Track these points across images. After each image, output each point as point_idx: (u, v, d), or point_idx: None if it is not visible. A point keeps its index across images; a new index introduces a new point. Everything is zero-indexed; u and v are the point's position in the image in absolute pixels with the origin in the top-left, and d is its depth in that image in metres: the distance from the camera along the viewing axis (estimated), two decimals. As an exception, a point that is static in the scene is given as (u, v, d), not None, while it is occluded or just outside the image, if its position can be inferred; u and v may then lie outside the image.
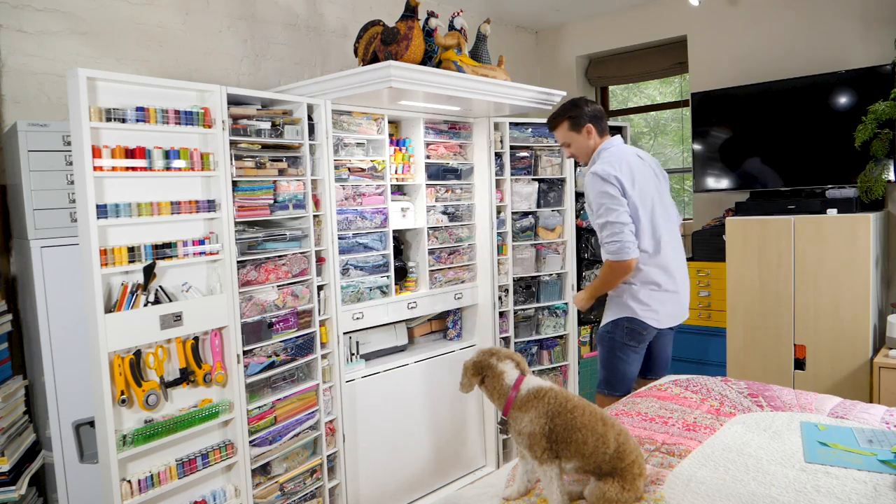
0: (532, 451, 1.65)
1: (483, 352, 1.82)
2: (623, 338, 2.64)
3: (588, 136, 2.69)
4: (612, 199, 2.50)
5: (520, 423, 1.68)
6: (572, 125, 2.69)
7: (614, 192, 2.51)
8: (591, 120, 2.69)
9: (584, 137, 2.70)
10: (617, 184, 2.52)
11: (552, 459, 1.65)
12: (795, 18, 3.87)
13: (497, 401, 1.76)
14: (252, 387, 2.51)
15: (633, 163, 2.63)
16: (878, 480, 1.72)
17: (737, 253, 3.54)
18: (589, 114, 2.69)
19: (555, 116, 2.74)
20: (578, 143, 2.72)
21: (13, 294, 2.60)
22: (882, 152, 3.25)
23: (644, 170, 2.67)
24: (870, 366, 3.18)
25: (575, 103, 2.72)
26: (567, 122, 2.70)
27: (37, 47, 2.62)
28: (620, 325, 2.63)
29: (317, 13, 3.58)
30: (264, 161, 2.53)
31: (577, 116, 2.68)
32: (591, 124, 2.68)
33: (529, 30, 5.00)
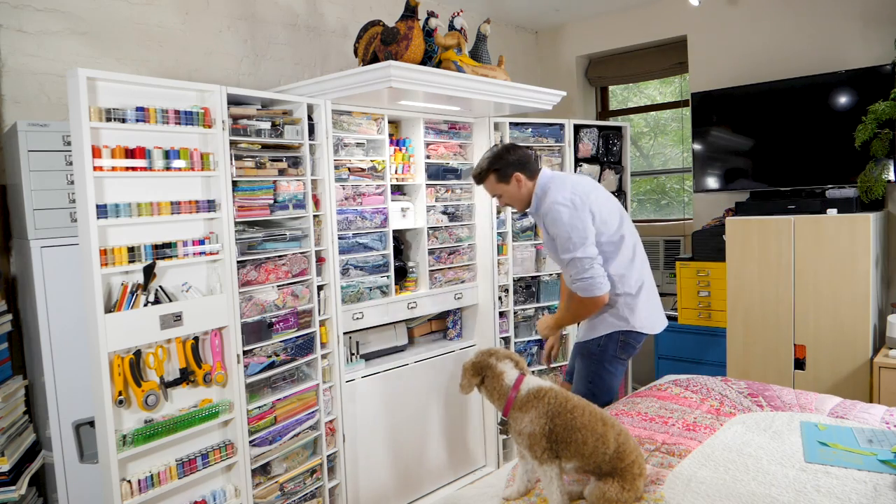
0: (532, 451, 1.66)
1: (482, 352, 1.82)
2: (616, 351, 2.50)
3: (518, 184, 2.51)
4: (579, 232, 2.36)
5: (520, 424, 1.68)
6: (499, 177, 2.52)
7: (581, 223, 2.38)
8: (517, 168, 2.51)
9: (514, 187, 2.52)
10: (584, 209, 2.40)
11: (552, 459, 1.65)
12: (795, 18, 3.87)
13: (497, 401, 1.76)
14: (252, 387, 2.51)
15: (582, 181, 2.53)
16: (878, 480, 1.72)
17: (737, 253, 3.54)
18: (514, 162, 2.51)
19: (479, 172, 2.57)
20: (510, 193, 2.55)
21: (13, 294, 2.60)
22: (882, 152, 3.25)
23: (593, 182, 2.59)
24: (870, 366, 3.18)
25: (498, 155, 2.54)
26: (493, 176, 2.53)
27: (37, 47, 2.62)
28: (614, 338, 2.49)
29: (317, 13, 3.58)
30: (264, 161, 2.53)
31: (501, 168, 2.51)
32: (519, 172, 2.50)
33: (529, 30, 5.00)
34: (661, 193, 5.03)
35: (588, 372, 2.53)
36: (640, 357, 4.50)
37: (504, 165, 2.51)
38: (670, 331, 4.03)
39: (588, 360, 2.54)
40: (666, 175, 4.94)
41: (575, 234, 2.36)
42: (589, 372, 2.53)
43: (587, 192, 2.46)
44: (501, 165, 2.51)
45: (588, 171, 3.94)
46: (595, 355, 2.51)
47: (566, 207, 2.39)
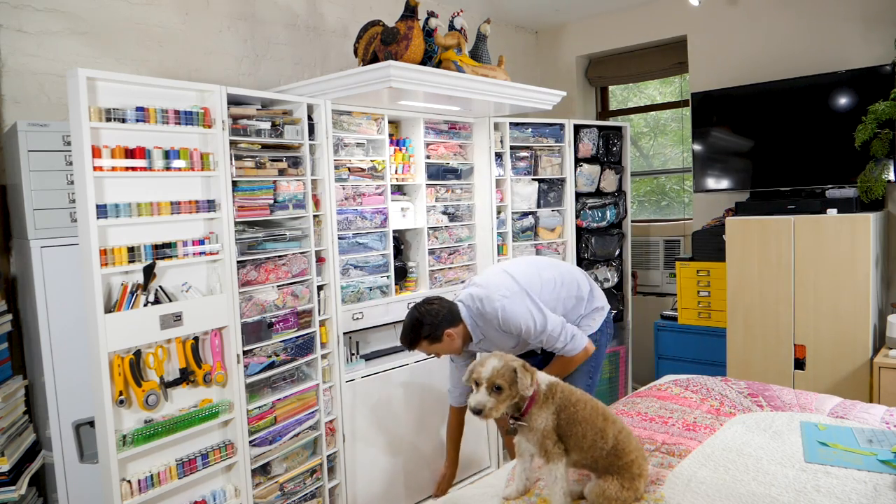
0: (543, 446, 1.64)
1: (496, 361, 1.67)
2: (607, 341, 2.69)
3: (450, 338, 2.44)
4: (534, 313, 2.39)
5: (537, 420, 1.65)
6: (431, 341, 2.44)
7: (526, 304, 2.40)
8: (444, 325, 2.42)
9: (447, 343, 2.44)
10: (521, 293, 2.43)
11: (561, 455, 1.64)
12: (795, 18, 3.87)
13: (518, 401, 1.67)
14: (252, 387, 2.51)
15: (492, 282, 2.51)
16: (878, 480, 1.72)
17: (737, 253, 3.54)
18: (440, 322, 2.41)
19: (410, 342, 2.47)
20: (446, 348, 2.47)
21: (13, 294, 2.60)
22: (882, 152, 3.25)
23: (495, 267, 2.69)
24: (870, 366, 3.18)
25: (419, 322, 2.42)
26: (426, 342, 2.45)
27: (37, 47, 2.62)
28: (604, 331, 2.66)
29: (317, 13, 3.58)
30: (264, 161, 2.53)
31: (430, 334, 2.41)
32: (448, 327, 2.43)
33: (529, 30, 5.00)
34: (661, 194, 5.03)
35: (588, 367, 2.59)
36: (640, 357, 4.50)
37: (431, 330, 2.41)
38: (670, 331, 4.05)
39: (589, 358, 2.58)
40: (666, 175, 4.94)
41: (534, 315, 2.39)
42: (589, 367, 2.60)
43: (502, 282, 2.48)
44: (429, 331, 2.41)
45: (588, 171, 3.94)
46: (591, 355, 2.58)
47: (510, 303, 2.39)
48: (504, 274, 2.54)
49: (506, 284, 2.46)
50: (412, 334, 2.44)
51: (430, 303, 2.48)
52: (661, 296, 4.54)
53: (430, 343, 2.44)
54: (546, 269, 2.62)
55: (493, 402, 1.62)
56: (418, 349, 2.50)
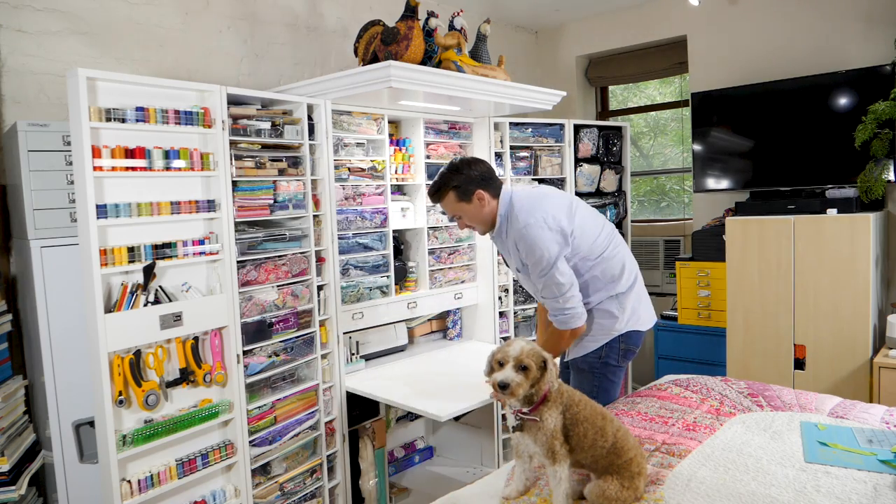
0: (550, 447, 1.62)
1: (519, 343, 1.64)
2: (618, 360, 2.40)
3: (481, 203, 2.29)
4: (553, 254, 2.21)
5: (548, 420, 1.65)
6: (459, 195, 2.29)
7: (557, 245, 2.22)
8: (479, 184, 2.28)
9: (475, 206, 2.30)
10: (557, 229, 2.23)
11: (566, 457, 1.64)
12: (795, 18, 3.87)
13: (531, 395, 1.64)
14: (252, 387, 2.51)
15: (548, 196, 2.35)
16: (878, 480, 1.72)
17: (737, 253, 3.54)
18: (476, 178, 2.28)
19: (437, 188, 2.33)
20: (471, 213, 2.32)
21: (13, 294, 2.60)
22: (882, 152, 3.25)
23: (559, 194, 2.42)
24: (870, 366, 3.18)
25: (456, 169, 2.30)
26: (452, 194, 2.29)
27: (37, 47, 2.62)
28: (615, 347, 2.39)
29: (317, 13, 3.58)
30: (264, 161, 2.53)
31: (462, 185, 2.27)
32: (481, 189, 2.28)
33: (529, 30, 5.00)
34: (660, 193, 5.03)
35: (591, 387, 2.40)
36: (640, 357, 4.49)
37: (465, 181, 2.27)
38: (670, 331, 4.05)
39: (589, 374, 2.43)
40: (666, 175, 4.94)
41: (550, 257, 2.21)
42: (591, 387, 2.40)
43: (557, 207, 2.30)
44: (461, 181, 2.28)
45: (588, 171, 3.94)
46: (596, 369, 2.41)
47: (539, 229, 2.21)
48: (566, 212, 2.30)
49: (550, 219, 2.24)
50: (443, 179, 2.28)
51: (476, 160, 2.32)
52: (661, 296, 4.54)
53: (458, 198, 2.28)
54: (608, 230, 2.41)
55: (521, 379, 1.59)
56: (443, 203, 2.34)
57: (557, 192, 2.43)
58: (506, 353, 1.63)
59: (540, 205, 2.28)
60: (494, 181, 2.34)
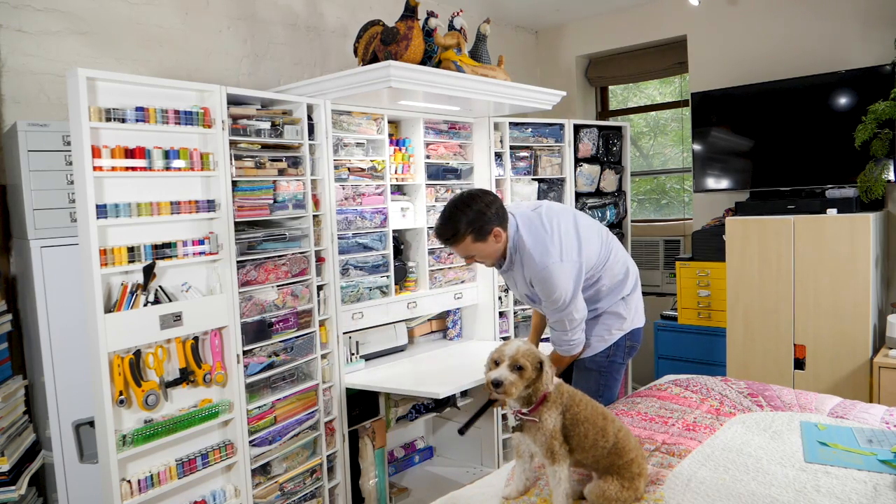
0: (550, 447, 1.63)
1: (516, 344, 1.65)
2: (623, 358, 2.46)
3: (497, 239, 2.18)
4: (570, 291, 2.18)
5: (547, 420, 1.65)
6: (476, 237, 2.14)
7: (574, 282, 2.19)
8: (496, 222, 2.15)
9: (490, 244, 2.17)
10: (574, 264, 2.20)
11: (566, 457, 1.64)
12: (795, 18, 3.87)
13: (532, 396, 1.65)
14: (252, 387, 2.51)
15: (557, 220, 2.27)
16: (878, 480, 1.72)
17: (737, 253, 3.54)
18: (493, 216, 2.13)
19: (453, 233, 2.14)
20: (486, 251, 2.20)
21: (13, 294, 2.60)
22: (882, 152, 3.25)
23: (564, 212, 2.36)
24: (870, 366, 3.18)
25: (469, 207, 2.12)
26: (470, 237, 2.14)
27: (37, 47, 2.62)
28: (621, 346, 2.44)
29: (317, 13, 3.58)
30: (264, 161, 2.53)
31: (480, 226, 2.12)
32: (498, 227, 2.16)
33: (529, 30, 5.00)
34: (660, 193, 5.03)
35: (596, 386, 2.44)
36: (640, 357, 4.49)
37: (483, 222, 2.12)
38: (670, 331, 4.05)
39: (595, 373, 2.46)
40: (666, 175, 4.94)
41: (567, 295, 2.18)
42: (598, 385, 2.44)
43: (567, 236, 2.23)
44: (481, 222, 2.12)
45: (588, 171, 3.94)
46: (603, 368, 2.45)
47: (557, 269, 2.16)
48: (575, 235, 2.25)
49: (570, 247, 2.20)
50: (458, 223, 2.11)
51: (485, 192, 2.17)
52: (661, 296, 4.54)
53: (475, 239, 2.14)
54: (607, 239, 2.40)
55: (515, 378, 1.59)
56: (459, 245, 2.17)
57: (560, 214, 2.32)
58: (502, 353, 1.64)
59: (551, 239, 2.21)
60: (505, 214, 2.21)
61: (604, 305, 2.43)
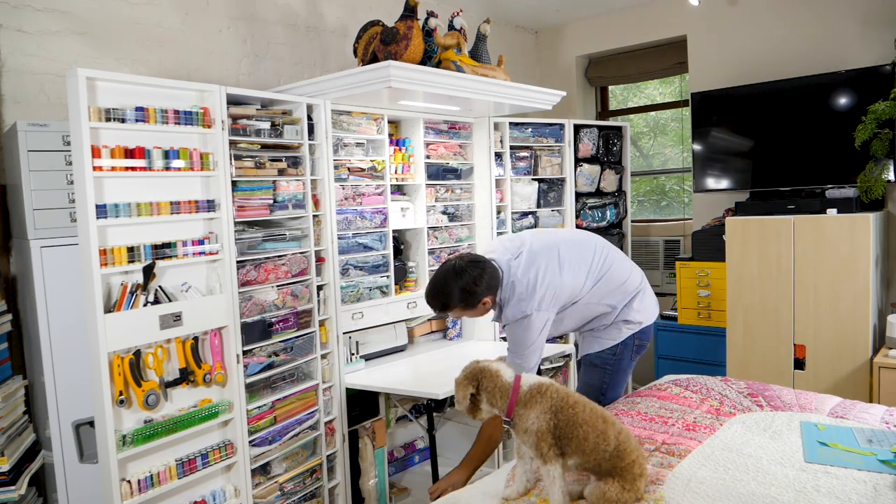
0: (538, 448, 1.64)
1: (470, 364, 1.80)
2: (631, 357, 2.48)
3: (485, 306, 2.27)
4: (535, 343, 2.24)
5: (526, 421, 1.66)
6: (466, 307, 2.24)
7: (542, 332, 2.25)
8: (486, 293, 2.22)
9: (481, 309, 2.27)
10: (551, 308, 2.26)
11: (557, 457, 1.64)
12: (795, 18, 3.87)
13: (500, 402, 1.71)
14: (252, 387, 2.51)
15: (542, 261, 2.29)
16: (878, 480, 1.71)
17: (737, 253, 3.54)
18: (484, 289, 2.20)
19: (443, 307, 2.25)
20: (476, 314, 2.32)
21: (13, 294, 2.60)
22: (882, 152, 3.25)
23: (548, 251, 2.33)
24: (870, 366, 3.18)
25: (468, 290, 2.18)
26: (460, 307, 2.24)
27: (37, 47, 2.62)
28: (629, 344, 2.46)
29: (317, 13, 3.58)
30: (264, 161, 2.53)
31: (470, 300, 2.21)
32: (486, 295, 2.23)
33: (529, 30, 5.00)
34: (660, 193, 5.03)
35: (601, 382, 2.47)
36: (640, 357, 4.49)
37: (474, 296, 2.20)
38: (670, 331, 4.05)
39: (601, 370, 2.47)
40: (666, 175, 4.94)
41: (534, 336, 2.23)
42: (602, 382, 2.47)
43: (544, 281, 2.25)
44: (469, 299, 2.20)
45: (588, 171, 3.94)
46: (609, 365, 2.46)
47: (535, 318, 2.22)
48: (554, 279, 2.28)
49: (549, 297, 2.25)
50: (449, 298, 2.19)
51: (475, 264, 2.21)
52: (661, 296, 4.51)
53: (464, 308, 2.24)
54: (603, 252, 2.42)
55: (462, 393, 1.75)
56: (453, 313, 2.31)
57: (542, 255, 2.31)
58: None
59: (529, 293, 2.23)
60: (494, 279, 2.24)
61: (611, 318, 2.45)
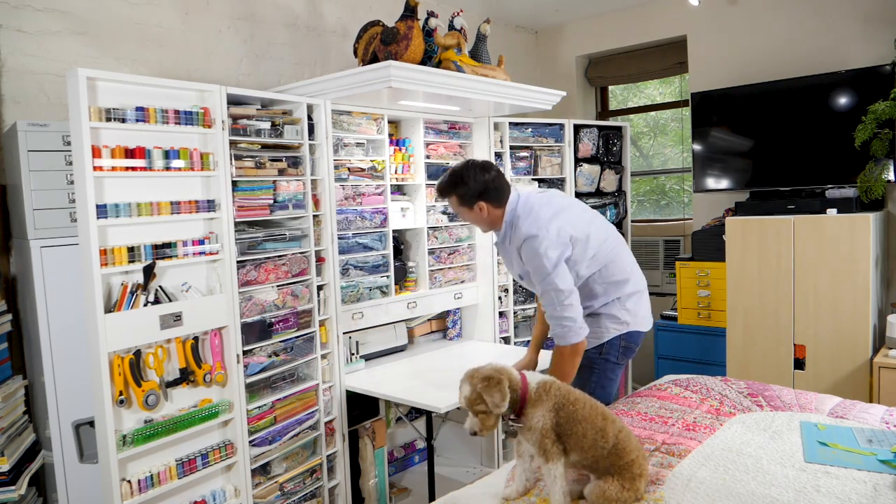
0: (542, 446, 1.63)
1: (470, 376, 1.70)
2: (617, 357, 2.43)
3: (480, 212, 2.33)
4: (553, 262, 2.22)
5: (532, 419, 1.65)
6: (461, 201, 2.34)
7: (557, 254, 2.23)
8: (481, 196, 2.30)
9: (476, 213, 2.35)
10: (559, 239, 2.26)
11: (560, 455, 1.64)
12: (795, 18, 3.87)
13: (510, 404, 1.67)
14: (252, 387, 2.51)
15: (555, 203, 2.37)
16: (878, 480, 1.72)
17: (737, 253, 3.54)
18: (478, 190, 2.30)
19: (441, 191, 2.39)
20: (471, 218, 2.40)
21: (13, 294, 2.60)
22: (882, 152, 3.25)
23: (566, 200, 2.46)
24: (870, 366, 3.18)
25: (460, 178, 2.31)
26: (455, 198, 2.35)
27: (37, 47, 2.62)
28: (615, 344, 2.41)
29: (317, 13, 3.58)
30: (264, 161, 2.53)
31: (463, 194, 2.32)
32: (482, 201, 2.31)
33: (529, 30, 5.00)
34: (660, 193, 5.03)
35: (588, 382, 2.42)
36: (640, 357, 4.49)
37: (467, 192, 2.30)
38: (670, 331, 4.05)
39: (588, 370, 2.42)
40: (666, 175, 4.94)
41: (550, 262, 2.21)
42: (589, 382, 2.42)
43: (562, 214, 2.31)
44: (464, 192, 2.31)
45: (588, 171, 3.94)
46: (596, 365, 2.43)
47: (542, 238, 2.23)
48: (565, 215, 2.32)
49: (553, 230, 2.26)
50: (449, 185, 2.34)
51: (487, 169, 2.32)
52: (661, 296, 4.54)
53: (459, 203, 2.35)
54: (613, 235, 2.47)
55: (479, 424, 1.66)
56: (447, 200, 2.41)
57: (563, 197, 2.44)
58: (461, 401, 1.69)
59: (544, 213, 2.29)
60: (499, 192, 2.33)
61: (598, 304, 2.41)
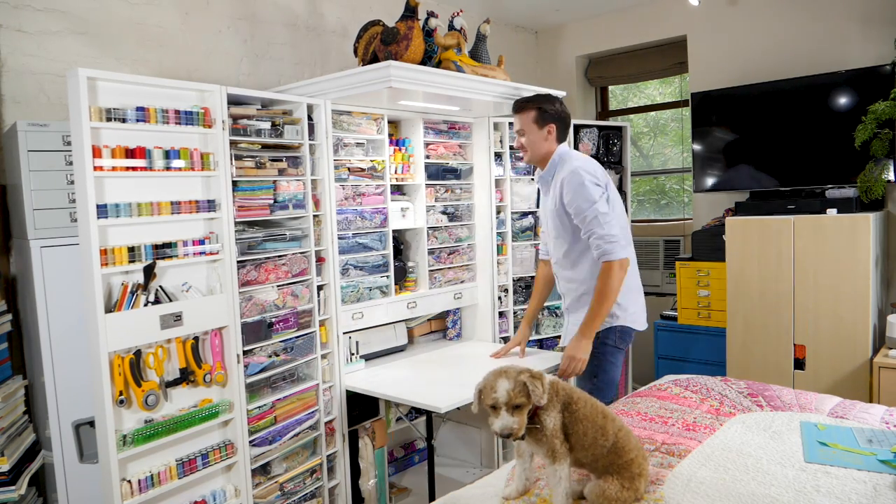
0: (552, 445, 1.62)
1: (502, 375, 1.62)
2: (616, 341, 2.54)
3: (548, 136, 2.60)
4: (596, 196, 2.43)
5: (547, 421, 1.65)
6: (537, 117, 2.58)
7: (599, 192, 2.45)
8: (556, 120, 2.59)
9: (542, 135, 2.59)
10: (602, 182, 2.49)
11: (567, 455, 1.63)
12: (795, 18, 3.87)
13: None
14: (252, 387, 2.51)
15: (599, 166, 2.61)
16: (878, 480, 1.72)
17: (737, 253, 3.54)
18: (557, 113, 2.60)
19: (525, 100, 2.63)
20: (534, 138, 2.61)
21: (13, 294, 2.60)
22: (882, 152, 3.25)
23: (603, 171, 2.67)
24: (870, 366, 3.18)
25: (549, 98, 2.64)
26: (534, 112, 2.59)
27: (37, 47, 2.62)
28: (613, 330, 2.54)
29: (317, 13, 3.58)
30: (264, 161, 2.53)
31: (545, 111, 2.58)
32: (555, 125, 2.59)
33: (529, 30, 5.00)
34: (660, 193, 5.03)
35: (591, 368, 2.51)
36: (640, 357, 4.50)
37: (548, 110, 2.56)
38: (670, 331, 4.05)
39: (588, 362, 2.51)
40: (666, 175, 4.94)
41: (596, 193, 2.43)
42: (592, 368, 2.52)
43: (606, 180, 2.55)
44: (547, 108, 2.57)
45: (588, 171, 3.94)
46: (596, 350, 2.51)
47: (588, 175, 2.46)
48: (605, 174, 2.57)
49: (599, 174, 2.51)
50: (537, 98, 2.63)
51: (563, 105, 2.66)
52: (661, 296, 4.54)
53: (534, 120, 2.58)
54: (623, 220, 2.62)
55: (518, 422, 1.58)
56: (521, 115, 2.61)
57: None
58: (496, 399, 1.59)
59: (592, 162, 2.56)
60: (566, 129, 2.64)
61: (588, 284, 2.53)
